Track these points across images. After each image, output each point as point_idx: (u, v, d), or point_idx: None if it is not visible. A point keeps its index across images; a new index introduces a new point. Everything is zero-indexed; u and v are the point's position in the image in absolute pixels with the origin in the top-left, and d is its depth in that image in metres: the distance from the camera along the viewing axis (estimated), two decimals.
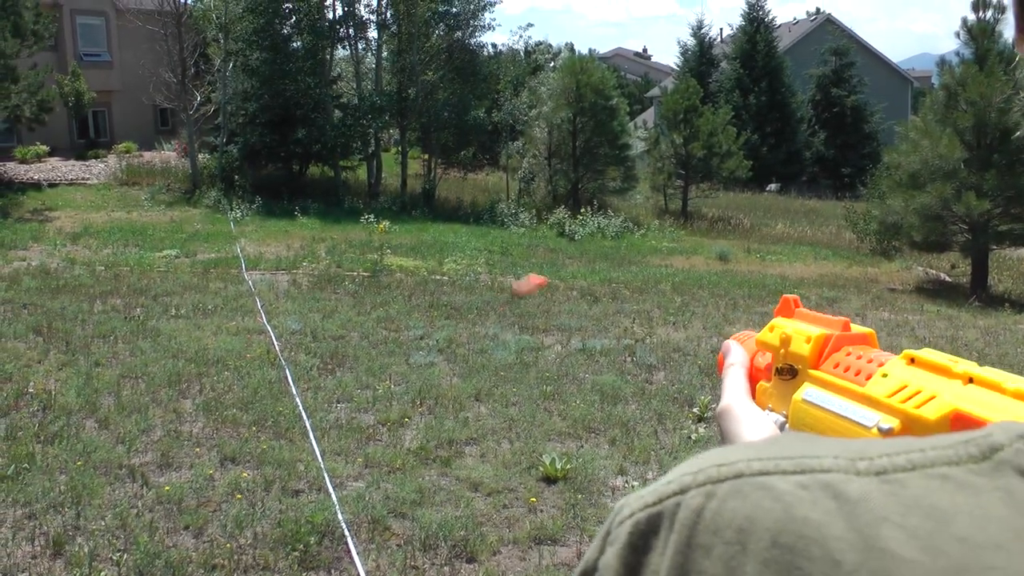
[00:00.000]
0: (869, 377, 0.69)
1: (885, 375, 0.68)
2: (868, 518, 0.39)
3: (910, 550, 0.37)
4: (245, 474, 6.71)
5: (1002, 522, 0.37)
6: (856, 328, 0.79)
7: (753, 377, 0.85)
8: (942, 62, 20.70)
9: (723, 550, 0.42)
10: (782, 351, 0.80)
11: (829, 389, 0.73)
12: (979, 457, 0.40)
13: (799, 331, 0.79)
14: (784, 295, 0.86)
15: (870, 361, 0.71)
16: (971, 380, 0.61)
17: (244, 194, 27.60)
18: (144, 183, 29.79)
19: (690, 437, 7.94)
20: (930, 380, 0.64)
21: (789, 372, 0.79)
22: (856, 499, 0.40)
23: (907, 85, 54.04)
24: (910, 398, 0.64)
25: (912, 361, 0.67)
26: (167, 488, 6.36)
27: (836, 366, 0.74)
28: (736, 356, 0.85)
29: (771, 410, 0.81)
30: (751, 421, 0.77)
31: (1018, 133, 18.43)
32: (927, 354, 0.67)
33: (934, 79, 23.89)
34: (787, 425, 0.77)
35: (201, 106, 29.52)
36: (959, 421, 0.58)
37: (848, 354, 0.75)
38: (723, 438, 0.77)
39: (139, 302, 12.88)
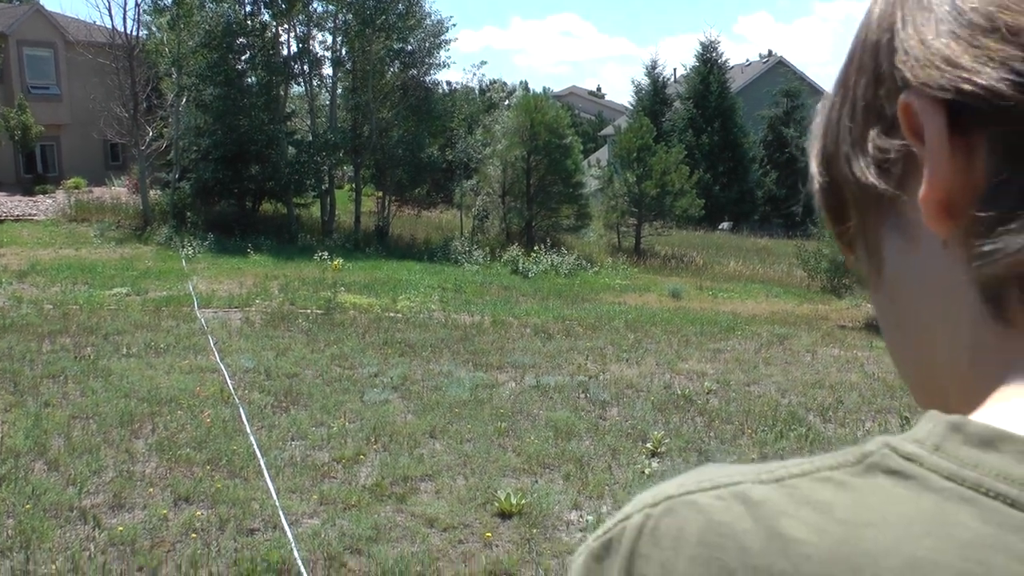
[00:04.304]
0: None
1: None
2: (769, 513, 0.49)
3: (803, 533, 0.47)
4: (199, 513, 6.66)
5: (871, 508, 0.47)
6: None
7: None
8: None
9: (659, 555, 0.51)
10: None
11: None
12: (854, 462, 0.50)
13: None
14: None
15: None
16: None
17: (196, 231, 27.45)
18: (93, 219, 29.49)
19: (643, 471, 7.99)
20: None
21: None
22: (759, 501, 0.50)
23: None
24: None
25: None
26: (120, 529, 6.29)
27: None
28: None
29: None
30: None
31: None
32: None
33: None
34: None
35: (153, 141, 29.33)
36: None
37: None
38: None
39: (89, 341, 12.73)
